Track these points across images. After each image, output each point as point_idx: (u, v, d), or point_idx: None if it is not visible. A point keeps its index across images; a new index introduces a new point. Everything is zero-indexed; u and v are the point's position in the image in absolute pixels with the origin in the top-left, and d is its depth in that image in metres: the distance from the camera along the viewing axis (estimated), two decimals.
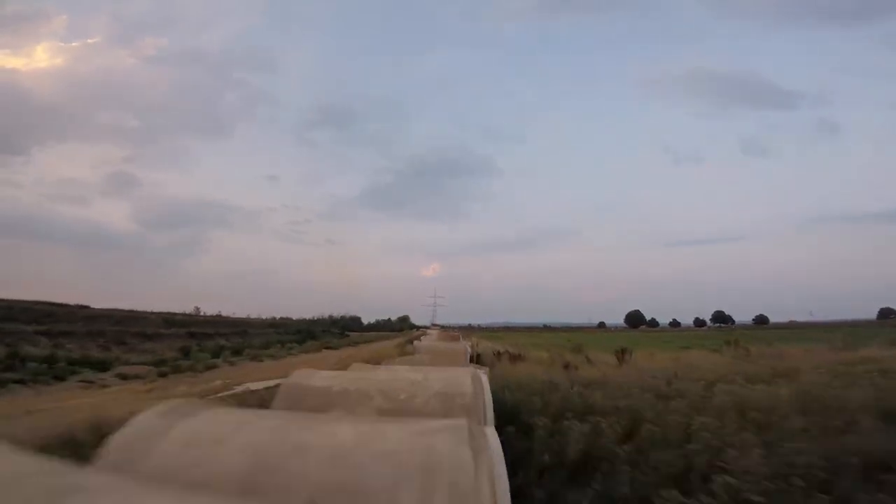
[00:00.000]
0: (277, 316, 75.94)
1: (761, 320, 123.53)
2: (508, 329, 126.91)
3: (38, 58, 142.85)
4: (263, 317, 72.56)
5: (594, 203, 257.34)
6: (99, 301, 45.16)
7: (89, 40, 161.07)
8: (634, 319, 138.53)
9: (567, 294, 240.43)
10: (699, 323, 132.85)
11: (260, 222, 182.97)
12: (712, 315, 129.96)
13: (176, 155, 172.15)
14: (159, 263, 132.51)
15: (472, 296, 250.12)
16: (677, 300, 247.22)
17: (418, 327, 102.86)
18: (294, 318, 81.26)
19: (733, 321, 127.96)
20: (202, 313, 58.58)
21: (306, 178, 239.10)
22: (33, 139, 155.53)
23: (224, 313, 63.03)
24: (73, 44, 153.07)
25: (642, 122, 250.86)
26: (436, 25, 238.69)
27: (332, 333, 63.23)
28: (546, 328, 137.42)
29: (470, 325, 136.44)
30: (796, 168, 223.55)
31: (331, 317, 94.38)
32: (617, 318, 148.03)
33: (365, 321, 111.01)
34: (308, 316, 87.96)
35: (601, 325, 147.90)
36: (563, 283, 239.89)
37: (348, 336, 62.76)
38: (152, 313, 45.22)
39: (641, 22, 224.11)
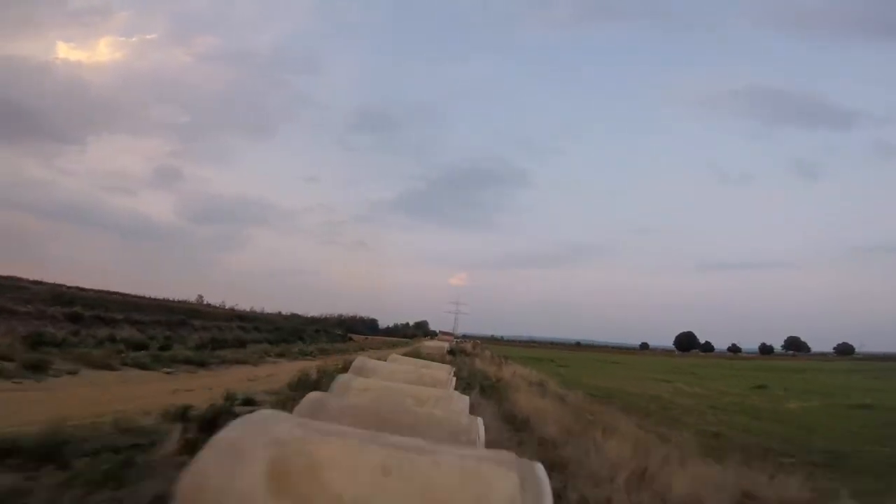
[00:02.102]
0: (288, 312, 65.76)
1: (844, 350, 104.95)
2: (531, 344, 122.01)
3: (101, 52, 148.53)
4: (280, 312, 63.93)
5: (634, 220, 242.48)
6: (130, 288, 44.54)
7: (148, 36, 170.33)
8: (686, 342, 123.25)
9: (604, 311, 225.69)
10: (766, 349, 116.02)
11: (296, 222, 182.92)
12: (785, 341, 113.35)
13: (220, 152, 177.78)
14: (194, 256, 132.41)
15: (499, 307, 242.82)
16: (738, 324, 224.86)
17: (434, 334, 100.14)
18: (308, 315, 72.70)
19: (808, 349, 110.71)
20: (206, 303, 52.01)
21: (344, 181, 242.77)
22: (89, 130, 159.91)
23: (243, 307, 54.05)
24: (133, 39, 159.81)
25: (687, 140, 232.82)
26: (476, 33, 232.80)
27: (332, 335, 50.81)
28: (578, 346, 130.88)
29: (493, 336, 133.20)
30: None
31: (340, 316, 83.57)
32: (663, 340, 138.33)
33: (383, 325, 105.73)
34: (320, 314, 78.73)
35: (644, 346, 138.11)
36: (600, 300, 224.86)
37: (351, 340, 50.32)
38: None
39: (690, 35, 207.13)
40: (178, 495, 1.45)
